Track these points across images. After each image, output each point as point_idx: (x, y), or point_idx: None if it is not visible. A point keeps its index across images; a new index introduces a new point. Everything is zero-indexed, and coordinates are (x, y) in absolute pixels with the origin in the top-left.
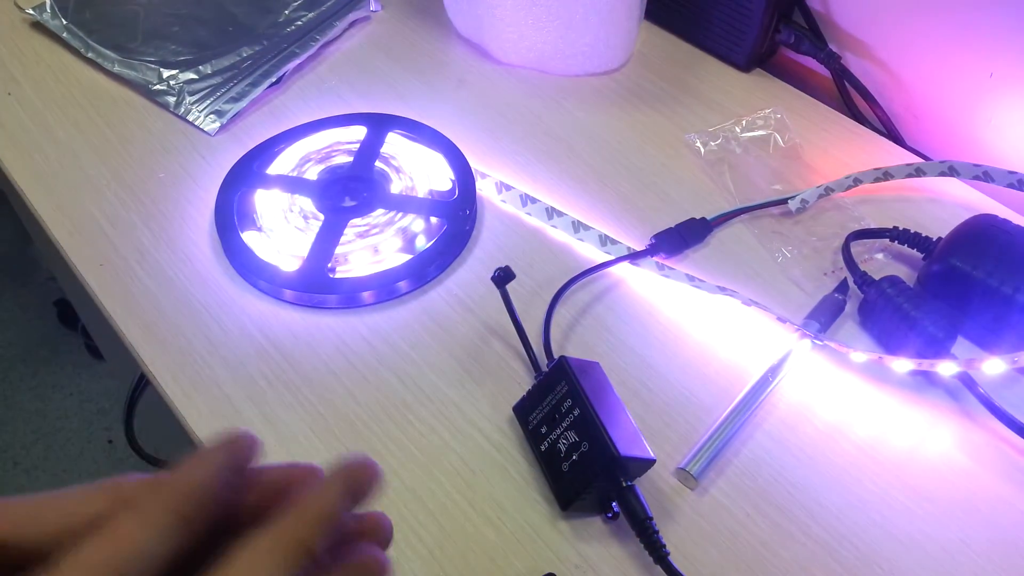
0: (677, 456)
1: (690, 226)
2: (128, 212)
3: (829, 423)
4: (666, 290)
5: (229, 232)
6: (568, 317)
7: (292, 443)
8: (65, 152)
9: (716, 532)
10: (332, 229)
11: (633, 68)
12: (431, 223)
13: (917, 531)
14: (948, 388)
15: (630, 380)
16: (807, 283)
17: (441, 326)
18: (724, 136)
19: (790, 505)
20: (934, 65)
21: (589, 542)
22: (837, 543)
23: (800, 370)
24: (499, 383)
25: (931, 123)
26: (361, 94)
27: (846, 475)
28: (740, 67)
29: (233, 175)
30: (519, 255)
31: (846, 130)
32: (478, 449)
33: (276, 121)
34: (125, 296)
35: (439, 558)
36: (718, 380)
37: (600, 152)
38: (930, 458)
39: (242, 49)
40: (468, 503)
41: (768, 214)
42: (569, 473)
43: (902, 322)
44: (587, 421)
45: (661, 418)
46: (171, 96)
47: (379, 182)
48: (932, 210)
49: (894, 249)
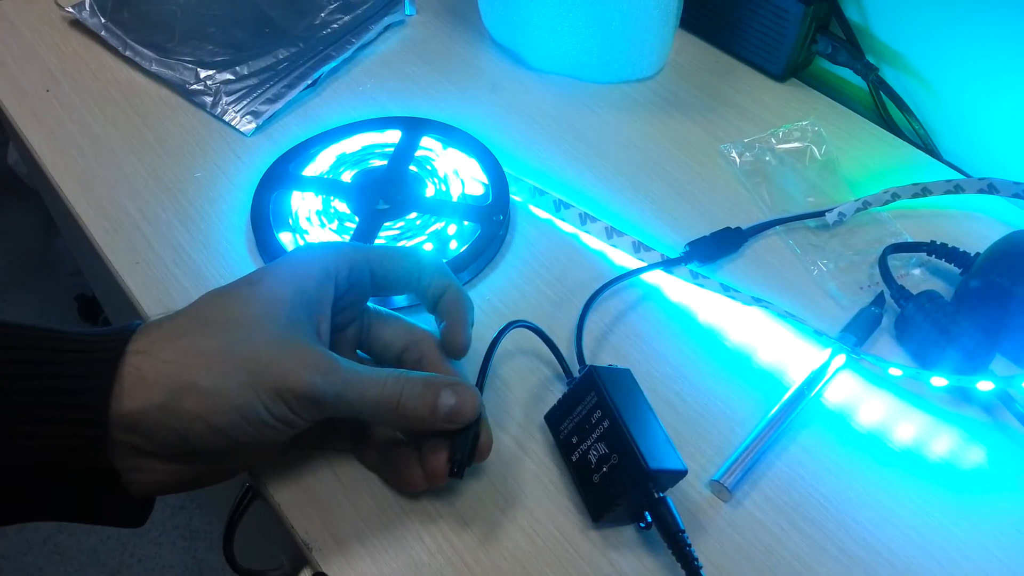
0: (711, 468)
1: (725, 235)
2: (165, 211)
3: (865, 438)
4: (700, 299)
5: (265, 232)
6: (601, 324)
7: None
8: (102, 150)
9: (750, 546)
10: (366, 231)
11: (668, 76)
12: (464, 227)
13: (954, 550)
14: (986, 406)
15: (663, 390)
16: (843, 297)
17: (474, 331)
18: (760, 146)
19: (824, 520)
20: (972, 79)
21: (621, 552)
22: (872, 560)
23: (836, 383)
24: (531, 390)
25: (969, 137)
26: (395, 97)
27: (881, 491)
28: (776, 77)
29: (269, 175)
30: (551, 260)
31: (882, 142)
32: (511, 456)
33: (311, 123)
34: (160, 294)
35: (470, 564)
36: (752, 392)
37: (633, 159)
38: (967, 476)
39: (278, 51)
40: (500, 510)
41: (804, 226)
42: (600, 485)
43: (940, 337)
44: (616, 433)
45: (694, 429)
46: (208, 96)
47: (413, 186)
48: (971, 226)
49: (932, 264)
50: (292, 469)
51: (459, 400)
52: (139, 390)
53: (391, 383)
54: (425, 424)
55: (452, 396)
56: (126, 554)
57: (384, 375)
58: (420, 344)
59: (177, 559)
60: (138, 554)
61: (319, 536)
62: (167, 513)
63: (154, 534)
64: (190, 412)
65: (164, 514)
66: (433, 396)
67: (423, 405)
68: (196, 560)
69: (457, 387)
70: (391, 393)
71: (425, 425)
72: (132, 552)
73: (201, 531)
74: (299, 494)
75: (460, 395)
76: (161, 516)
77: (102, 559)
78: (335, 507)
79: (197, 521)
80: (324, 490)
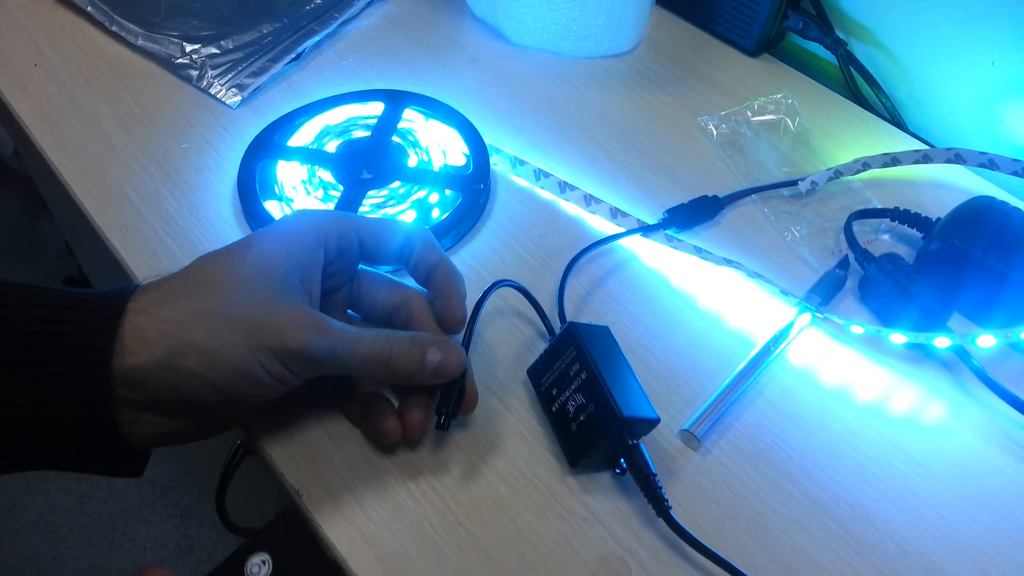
0: (681, 419)
1: (702, 203)
2: (153, 181)
3: (828, 392)
4: (675, 264)
5: (251, 200)
6: (580, 289)
7: (303, 404)
8: (91, 122)
9: (717, 490)
10: (350, 200)
11: (644, 51)
12: (446, 196)
13: (911, 494)
14: (943, 361)
15: (637, 348)
16: (814, 261)
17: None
18: (736, 119)
19: (789, 467)
20: (937, 53)
21: (596, 496)
22: (833, 502)
23: (801, 341)
24: (514, 350)
25: (934, 110)
26: (378, 71)
27: (843, 441)
28: (749, 52)
29: (255, 146)
30: (531, 227)
31: (852, 115)
32: (493, 411)
33: (295, 96)
34: (151, 260)
35: (453, 509)
36: (722, 350)
37: (611, 132)
38: (925, 427)
39: (263, 26)
40: (482, 460)
41: (778, 195)
42: (577, 433)
43: (900, 296)
44: (593, 384)
45: (667, 384)
46: (194, 70)
47: (396, 156)
48: (937, 195)
49: (898, 230)
50: (283, 424)
51: (445, 356)
52: (139, 347)
53: (381, 341)
54: (414, 379)
55: (438, 352)
56: (117, 533)
57: (374, 334)
58: (409, 304)
59: (168, 537)
60: (129, 533)
61: (308, 484)
62: (157, 492)
63: (144, 512)
64: (188, 369)
65: (155, 493)
66: (421, 352)
67: (411, 361)
68: (187, 537)
69: (443, 344)
70: (381, 350)
71: (414, 380)
72: (123, 531)
73: (192, 509)
74: (289, 447)
75: (446, 351)
76: (152, 495)
77: (93, 538)
78: (324, 458)
79: (187, 499)
80: (313, 443)
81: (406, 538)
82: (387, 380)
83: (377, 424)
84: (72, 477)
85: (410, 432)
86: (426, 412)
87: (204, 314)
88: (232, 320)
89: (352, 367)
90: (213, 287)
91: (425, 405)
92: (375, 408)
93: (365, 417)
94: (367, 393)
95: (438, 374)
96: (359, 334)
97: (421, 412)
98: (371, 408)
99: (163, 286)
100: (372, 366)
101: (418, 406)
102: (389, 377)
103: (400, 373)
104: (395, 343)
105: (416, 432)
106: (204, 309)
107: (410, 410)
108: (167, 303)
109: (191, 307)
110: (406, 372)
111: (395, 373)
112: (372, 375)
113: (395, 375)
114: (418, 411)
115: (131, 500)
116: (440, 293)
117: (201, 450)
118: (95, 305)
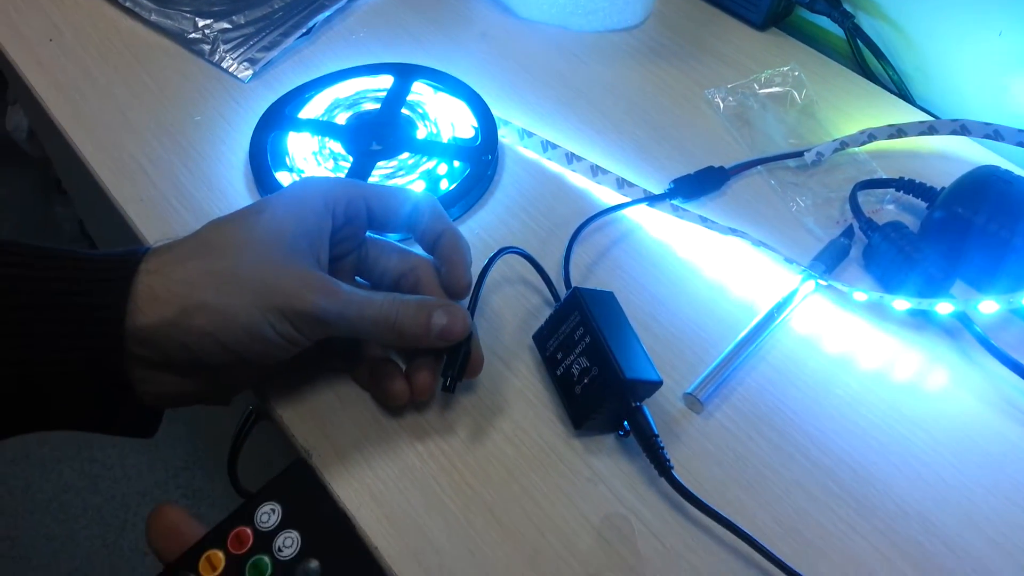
0: (685, 384)
1: (708, 173)
2: (167, 152)
3: (831, 358)
4: (680, 233)
5: (263, 171)
6: (586, 258)
7: (313, 368)
8: (105, 96)
9: (720, 452)
10: (360, 170)
11: (652, 25)
12: (454, 167)
13: (912, 457)
14: (946, 327)
15: (642, 315)
16: (819, 231)
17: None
18: (743, 92)
19: (791, 430)
20: (944, 25)
21: (599, 457)
22: (835, 465)
23: (805, 308)
24: (520, 317)
25: (941, 82)
26: (387, 46)
27: (846, 406)
28: (756, 26)
29: (267, 118)
30: (538, 198)
31: (859, 88)
32: (499, 375)
33: (306, 70)
34: (164, 228)
35: (460, 468)
36: (726, 317)
37: (619, 105)
38: (927, 392)
39: (274, 1)
40: (488, 422)
41: (784, 166)
42: (581, 395)
43: (903, 264)
44: (597, 348)
45: (671, 349)
46: (206, 44)
47: (405, 128)
48: (942, 165)
49: (903, 200)
50: (293, 387)
51: (450, 319)
52: (151, 307)
53: (388, 304)
54: (420, 342)
55: (444, 316)
56: (129, 512)
57: (381, 297)
58: (416, 270)
59: None
60: (141, 512)
61: (319, 445)
62: (170, 473)
63: (157, 493)
64: (200, 328)
65: (167, 474)
66: (427, 316)
67: (418, 324)
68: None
69: (449, 307)
70: (388, 312)
71: (420, 343)
72: (136, 511)
73: (203, 490)
74: (300, 409)
75: (451, 315)
76: (164, 476)
77: (106, 517)
78: (334, 420)
79: (200, 480)
80: (323, 406)
81: (414, 497)
82: (394, 343)
83: (385, 387)
84: (85, 458)
85: (417, 394)
86: (433, 375)
87: (215, 274)
88: (242, 280)
89: (360, 329)
90: (223, 249)
91: (432, 368)
92: (383, 371)
93: (373, 380)
94: (375, 357)
95: (444, 337)
96: (367, 297)
97: (428, 375)
98: (379, 371)
99: (174, 248)
100: (379, 329)
101: (425, 369)
102: (396, 340)
103: (407, 336)
104: (402, 306)
105: (423, 394)
106: (215, 269)
107: (417, 373)
108: (178, 264)
109: (202, 267)
110: (412, 335)
111: (402, 336)
112: (379, 338)
113: (402, 338)
114: (425, 374)
115: (144, 480)
116: (446, 260)
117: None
118: (108, 265)
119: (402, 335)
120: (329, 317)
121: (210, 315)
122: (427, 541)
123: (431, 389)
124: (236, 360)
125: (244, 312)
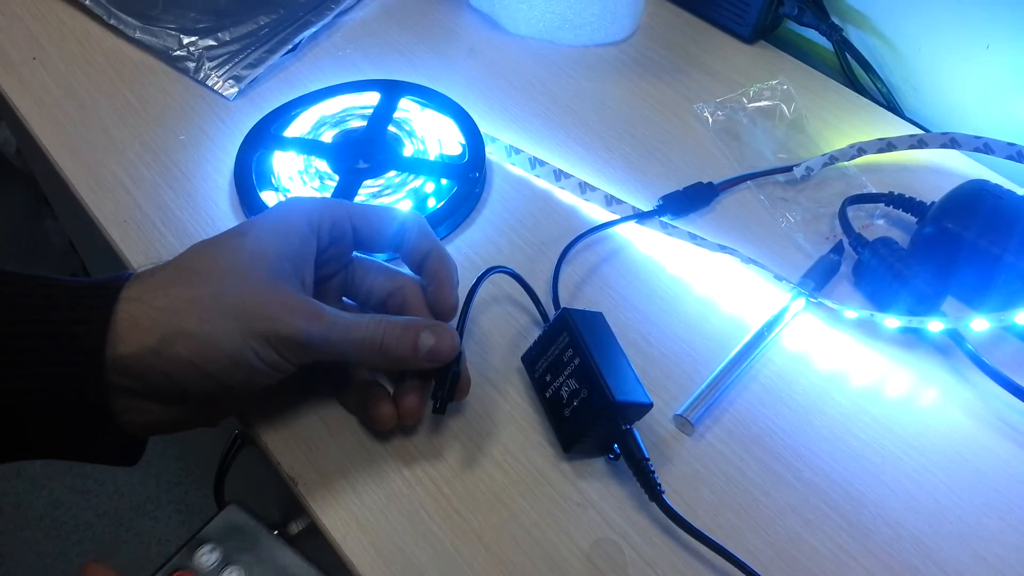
0: (676, 405)
1: (697, 189)
2: (150, 172)
3: (822, 376)
4: (669, 250)
5: (247, 191)
6: (574, 277)
7: (299, 392)
8: (89, 115)
9: (711, 475)
10: (346, 189)
11: (639, 39)
12: (442, 185)
13: (905, 477)
14: (937, 345)
15: (632, 334)
16: (809, 247)
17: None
18: (731, 106)
19: (783, 452)
20: (932, 38)
21: (589, 481)
22: (827, 486)
23: (795, 327)
24: (508, 338)
25: (930, 94)
26: (374, 62)
27: (838, 425)
28: (745, 39)
29: (251, 137)
30: (526, 216)
31: (847, 101)
32: (487, 398)
33: (292, 87)
34: (148, 250)
35: (447, 494)
36: (716, 336)
37: (606, 120)
38: (919, 411)
39: (259, 17)
40: (476, 446)
41: (773, 181)
42: (571, 418)
43: (894, 281)
44: (586, 370)
45: (661, 369)
46: (191, 62)
47: (392, 145)
48: (932, 179)
49: (893, 215)
50: (279, 413)
51: (438, 340)
52: (132, 335)
53: (374, 326)
54: (408, 363)
55: (431, 336)
56: (122, 528)
57: (367, 319)
58: (403, 290)
59: (172, 532)
60: (134, 528)
61: (304, 471)
62: (162, 488)
63: (149, 508)
64: (181, 356)
65: (159, 489)
66: (414, 337)
67: (404, 345)
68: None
69: (436, 328)
70: (375, 334)
71: (408, 364)
72: (128, 527)
73: (196, 505)
74: (285, 435)
75: (439, 335)
76: (156, 491)
77: (98, 534)
78: (320, 446)
79: (192, 495)
80: (309, 431)
81: (401, 524)
82: (381, 365)
83: (372, 410)
84: (77, 474)
85: (405, 418)
86: (421, 398)
87: (196, 301)
88: (224, 307)
89: (346, 352)
90: (206, 274)
91: (420, 391)
92: (370, 394)
93: (360, 404)
94: (362, 380)
95: (432, 358)
96: (352, 319)
97: (416, 398)
98: (366, 394)
99: (156, 274)
100: (366, 351)
101: (413, 392)
102: (383, 362)
103: (394, 358)
104: (388, 327)
105: (411, 418)
106: (196, 296)
107: (405, 396)
108: (160, 291)
109: (183, 294)
110: (400, 357)
111: (389, 358)
112: (366, 360)
113: (389, 360)
114: (413, 397)
115: (135, 496)
116: (432, 279)
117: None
118: (89, 293)
119: (389, 357)
120: (313, 341)
121: (191, 343)
122: (414, 569)
123: (419, 413)
124: (219, 387)
125: (226, 339)
